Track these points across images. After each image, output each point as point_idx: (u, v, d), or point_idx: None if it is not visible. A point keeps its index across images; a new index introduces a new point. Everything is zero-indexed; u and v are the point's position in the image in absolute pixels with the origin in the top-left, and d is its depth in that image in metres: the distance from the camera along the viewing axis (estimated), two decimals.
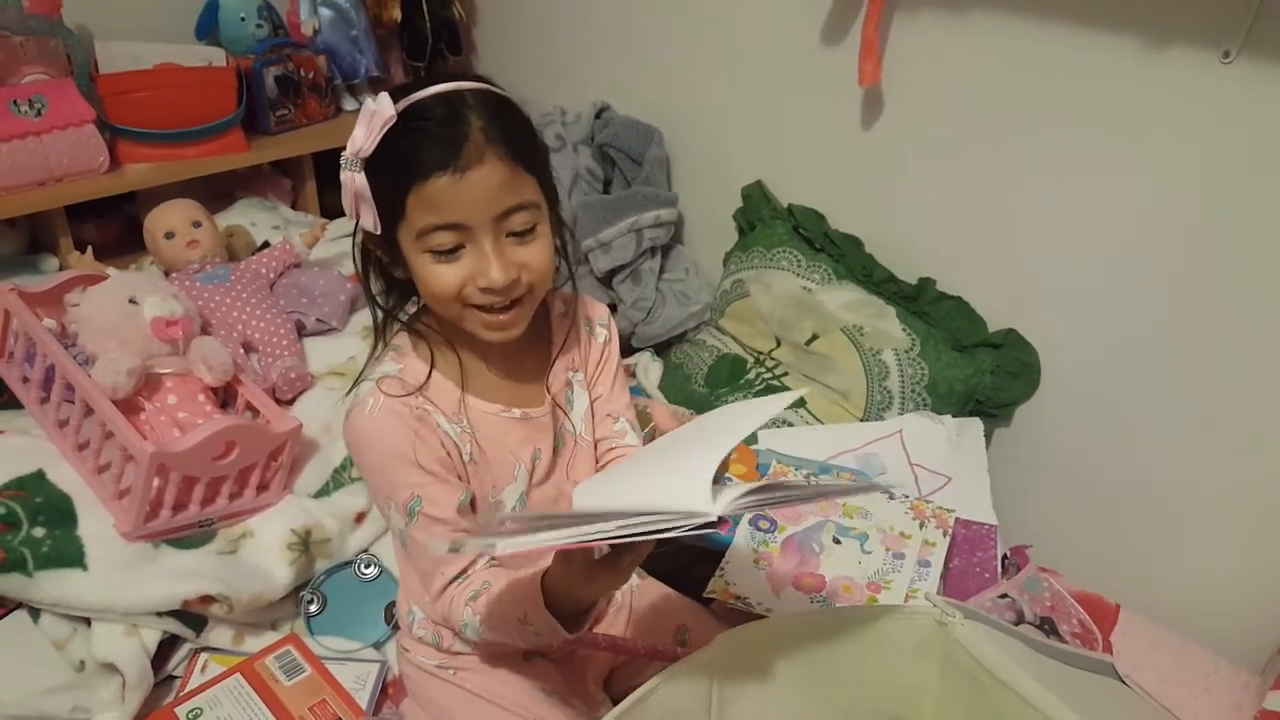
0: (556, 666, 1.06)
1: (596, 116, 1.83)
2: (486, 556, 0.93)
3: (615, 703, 0.81)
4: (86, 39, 1.79)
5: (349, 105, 2.13)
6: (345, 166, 0.84)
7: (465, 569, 0.92)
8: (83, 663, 1.10)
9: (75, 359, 1.25)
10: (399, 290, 0.96)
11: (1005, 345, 1.41)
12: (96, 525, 1.16)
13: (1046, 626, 1.15)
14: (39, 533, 1.12)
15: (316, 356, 1.53)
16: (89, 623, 1.11)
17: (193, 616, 1.15)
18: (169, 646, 1.15)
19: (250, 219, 1.86)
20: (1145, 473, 1.32)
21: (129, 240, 1.81)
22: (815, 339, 1.50)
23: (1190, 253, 1.20)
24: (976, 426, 1.40)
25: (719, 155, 1.74)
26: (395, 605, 1.20)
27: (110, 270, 1.48)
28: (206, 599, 1.13)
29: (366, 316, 0.98)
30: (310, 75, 1.99)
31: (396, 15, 2.07)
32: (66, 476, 1.21)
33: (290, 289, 1.60)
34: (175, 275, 1.53)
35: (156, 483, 1.15)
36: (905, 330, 1.44)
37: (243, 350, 1.45)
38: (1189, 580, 1.32)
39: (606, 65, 1.90)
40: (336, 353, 1.54)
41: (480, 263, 0.85)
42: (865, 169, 1.52)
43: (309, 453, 1.36)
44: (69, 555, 1.12)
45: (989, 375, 1.40)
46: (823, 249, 1.56)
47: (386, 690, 1.17)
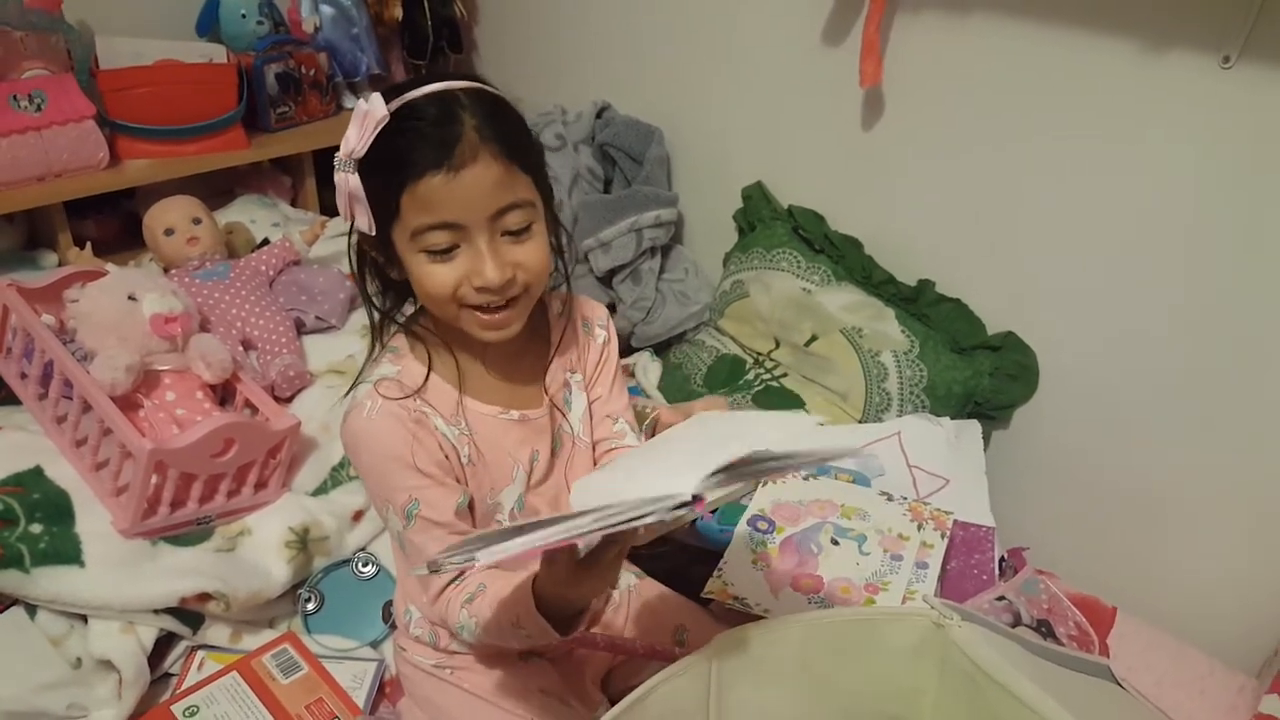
0: (554, 666, 1.06)
1: (597, 116, 1.83)
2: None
3: (613, 703, 0.81)
4: (87, 34, 1.79)
5: (350, 103, 2.12)
6: (339, 167, 0.84)
7: (462, 571, 0.92)
8: (79, 660, 1.09)
9: (74, 355, 1.24)
10: (395, 291, 0.96)
11: (1004, 348, 1.41)
12: (94, 522, 1.16)
13: (1043, 629, 1.15)
14: (36, 529, 1.12)
15: (315, 354, 1.53)
16: (86, 620, 1.11)
17: (190, 614, 1.15)
18: (166, 644, 1.15)
19: (250, 216, 1.86)
20: (1143, 476, 1.32)
21: (128, 236, 1.81)
22: (814, 340, 1.50)
23: (1189, 256, 1.20)
24: (975, 429, 1.41)
25: (719, 155, 1.74)
26: (392, 604, 1.20)
27: (109, 266, 1.48)
28: (204, 596, 1.13)
29: (365, 315, 0.97)
30: (311, 72, 1.99)
31: (398, 13, 2.07)
32: (64, 473, 1.21)
33: (289, 286, 1.60)
34: (174, 272, 1.53)
35: (154, 480, 1.15)
36: (904, 332, 1.44)
37: (241, 348, 1.44)
38: (1186, 583, 1.32)
39: (607, 64, 1.90)
40: (335, 351, 1.54)
41: (475, 262, 0.84)
42: (865, 170, 1.52)
43: (307, 451, 1.36)
44: (66, 552, 1.11)
45: (988, 377, 1.41)
46: (822, 250, 1.57)
47: (383, 689, 1.17)
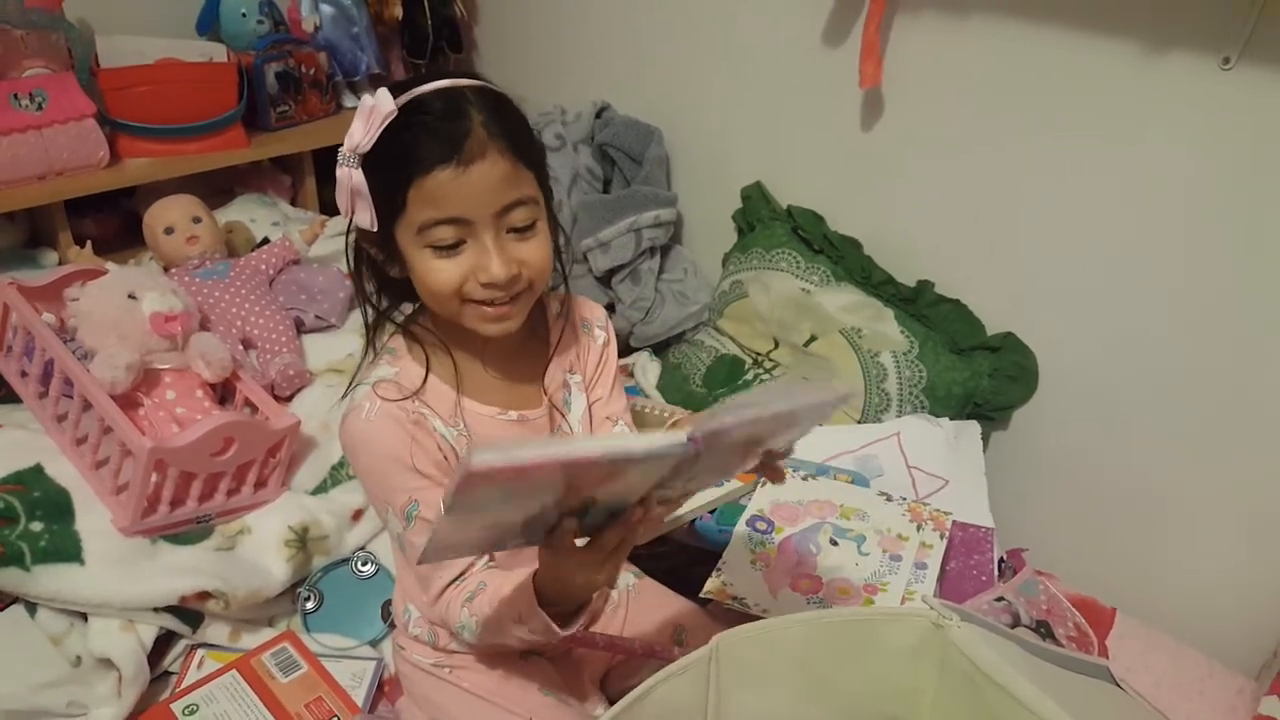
0: (553, 665, 1.06)
1: (596, 116, 1.83)
2: (484, 559, 0.92)
3: (612, 702, 0.81)
4: (88, 33, 1.79)
5: (350, 102, 2.12)
6: (342, 162, 0.84)
7: (463, 571, 0.92)
8: (79, 658, 1.10)
9: (74, 354, 1.24)
10: (393, 290, 0.96)
11: (1003, 348, 1.41)
12: (94, 520, 1.16)
13: (1042, 629, 1.15)
14: (37, 527, 1.12)
15: (315, 353, 1.53)
16: (86, 618, 1.11)
17: (189, 612, 1.15)
18: (165, 642, 1.15)
19: (250, 215, 1.86)
20: (1142, 477, 1.32)
21: (128, 235, 1.81)
22: (814, 340, 1.50)
23: (1189, 257, 1.20)
24: (974, 429, 1.41)
25: (719, 156, 1.74)
26: (392, 603, 1.20)
27: (109, 265, 1.48)
28: (203, 595, 1.13)
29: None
30: (311, 72, 1.99)
31: (398, 12, 2.07)
32: (64, 471, 1.21)
33: (289, 285, 1.60)
34: (174, 271, 1.53)
35: (154, 478, 1.15)
36: (903, 332, 1.45)
37: (241, 346, 1.44)
38: (1185, 584, 1.32)
39: (607, 64, 1.90)
40: (335, 350, 1.54)
41: (481, 258, 0.84)
42: (865, 171, 1.52)
43: (307, 450, 1.36)
44: (66, 550, 1.11)
45: (987, 378, 1.41)
46: (822, 250, 1.57)
47: (382, 688, 1.17)
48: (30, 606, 1.12)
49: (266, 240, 1.73)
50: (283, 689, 1.10)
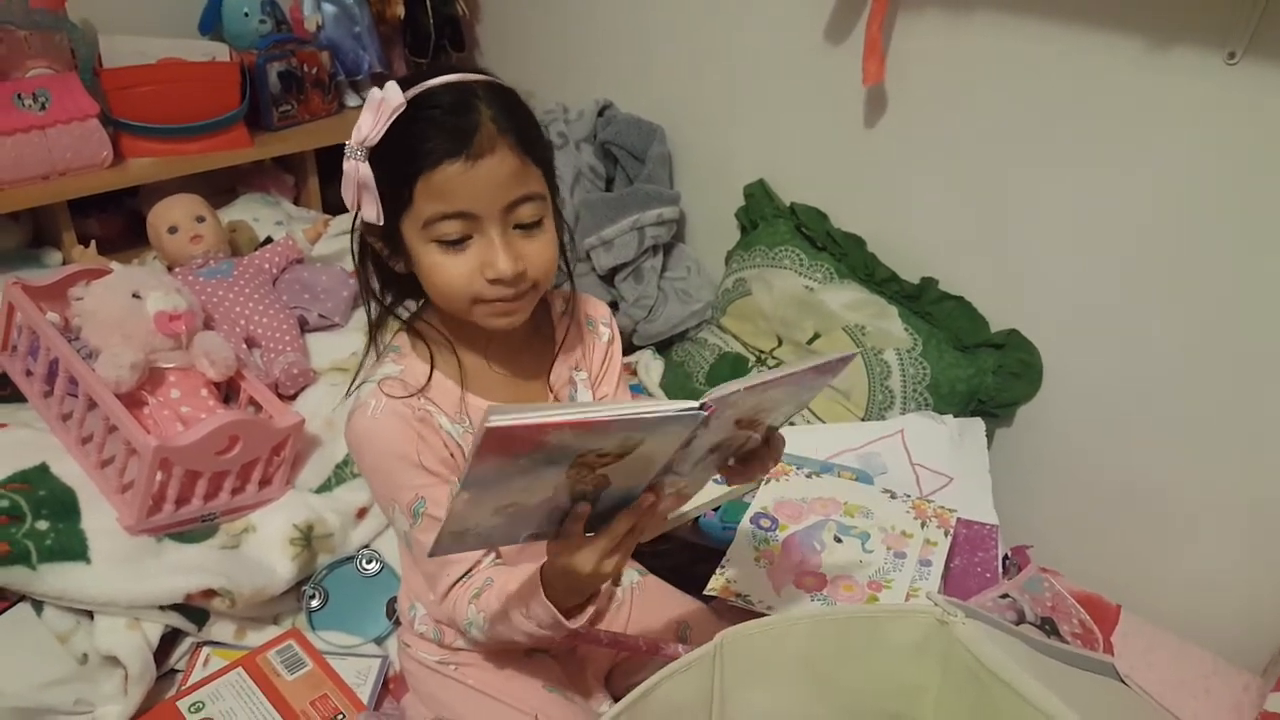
0: (558, 663, 1.06)
1: (599, 114, 1.83)
2: (491, 556, 0.92)
3: (616, 700, 0.81)
4: (91, 33, 1.79)
5: (352, 101, 2.13)
6: (350, 155, 0.83)
7: (470, 569, 0.92)
8: (85, 656, 1.10)
9: (79, 353, 1.25)
10: (397, 286, 0.95)
11: (1007, 345, 1.41)
12: (100, 519, 1.16)
13: (1047, 626, 1.15)
14: (42, 526, 1.13)
15: (319, 352, 1.53)
16: (92, 616, 1.11)
17: (195, 610, 1.15)
18: (171, 640, 1.15)
19: (253, 214, 1.86)
20: (1147, 473, 1.32)
21: (132, 235, 1.82)
22: (817, 338, 1.50)
23: (1193, 253, 1.20)
24: (978, 426, 1.41)
25: (721, 153, 1.74)
26: (396, 600, 1.20)
27: (113, 265, 1.48)
28: (209, 593, 1.13)
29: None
30: (313, 71, 1.99)
31: (400, 11, 2.07)
32: (70, 470, 1.21)
33: (293, 284, 1.60)
34: (178, 270, 1.53)
35: (159, 477, 1.15)
36: (907, 330, 1.44)
37: (245, 345, 1.45)
38: (1190, 581, 1.32)
39: (609, 63, 1.90)
40: (339, 348, 1.55)
41: (487, 253, 0.84)
42: (868, 168, 1.52)
43: (311, 448, 1.37)
44: (72, 549, 1.12)
45: (991, 375, 1.41)
46: (825, 248, 1.56)
47: (388, 685, 1.17)
48: (36, 605, 1.12)
49: (270, 239, 1.73)
50: (288, 686, 1.11)
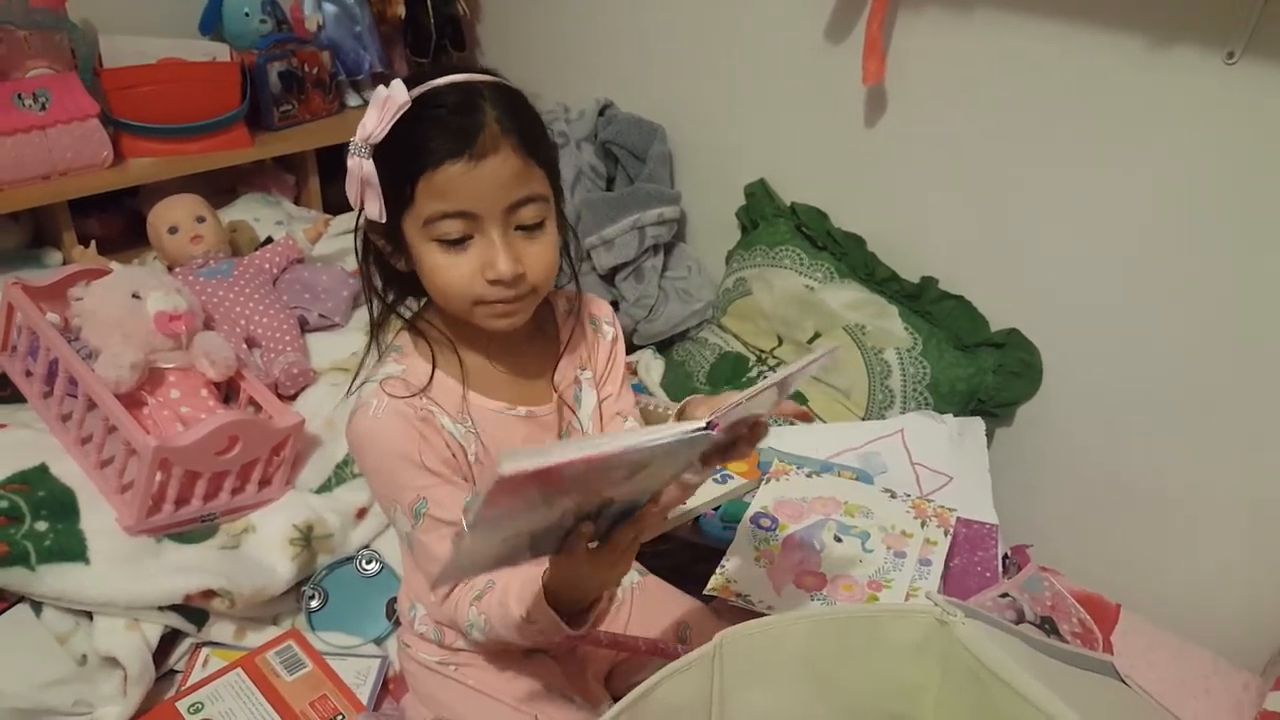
0: (558, 663, 1.06)
1: (600, 113, 1.83)
2: None
3: (616, 700, 0.81)
4: (91, 34, 1.79)
5: (353, 101, 2.13)
6: (353, 152, 0.83)
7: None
8: (85, 656, 1.10)
9: (78, 353, 1.25)
10: (399, 284, 0.95)
11: (1007, 345, 1.41)
12: (99, 519, 1.16)
13: (1047, 626, 1.15)
14: (42, 526, 1.13)
15: (319, 352, 1.53)
16: (91, 617, 1.11)
17: (194, 611, 1.15)
18: (170, 641, 1.15)
19: (253, 214, 1.86)
20: (1146, 473, 1.32)
21: (132, 235, 1.82)
22: (817, 337, 1.50)
23: (1193, 251, 1.20)
24: (978, 426, 1.40)
25: (722, 153, 1.74)
26: (396, 601, 1.20)
27: (114, 265, 1.48)
28: (208, 594, 1.13)
29: (368, 312, 0.97)
30: (314, 71, 1.99)
31: (400, 11, 2.07)
32: (69, 470, 1.21)
33: (293, 284, 1.60)
34: (178, 270, 1.53)
35: (159, 477, 1.15)
36: (907, 329, 1.44)
37: (245, 345, 1.45)
38: (1190, 580, 1.32)
39: (610, 62, 1.90)
40: (339, 348, 1.54)
41: (488, 253, 0.84)
42: (868, 168, 1.52)
43: (311, 448, 1.37)
44: (71, 549, 1.12)
45: (991, 375, 1.40)
46: (825, 247, 1.56)
47: (387, 685, 1.17)
48: (36, 605, 1.12)
49: (270, 239, 1.73)
50: (288, 687, 1.11)
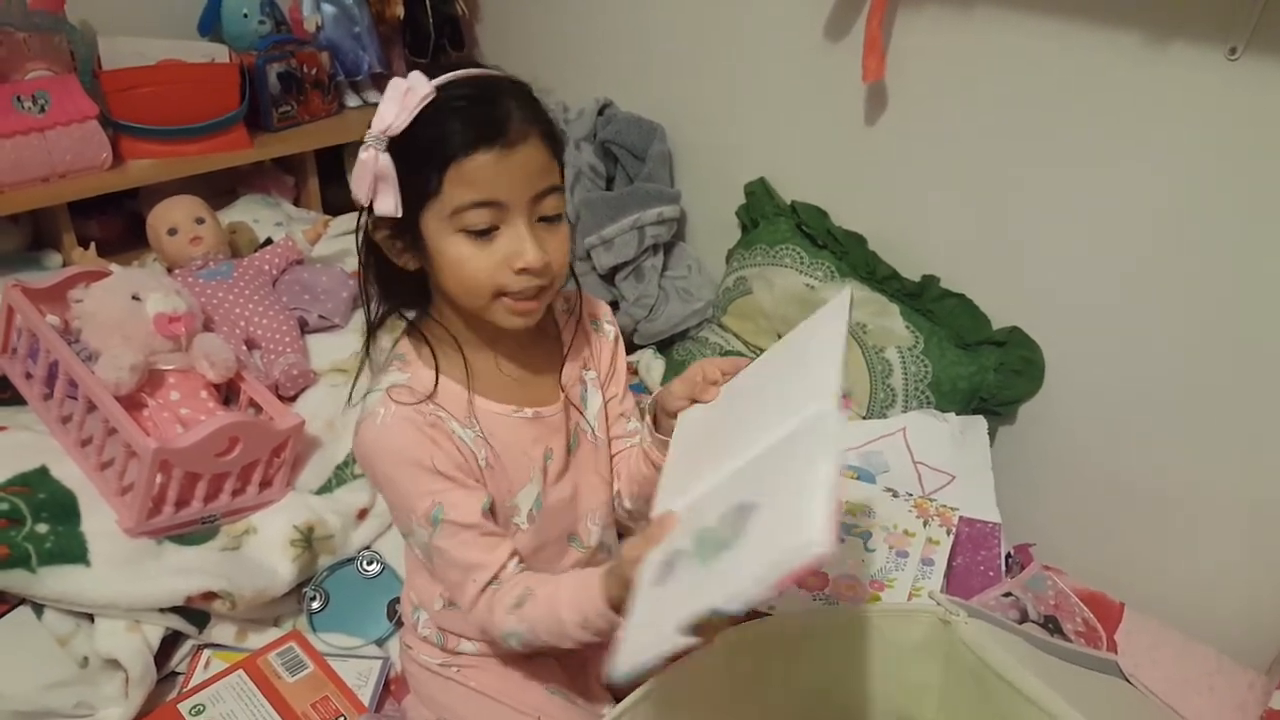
0: (560, 664, 1.06)
1: (599, 113, 1.83)
2: (515, 560, 0.91)
3: (618, 700, 0.81)
4: (90, 35, 1.79)
5: (352, 101, 2.13)
6: (369, 145, 0.81)
7: (496, 574, 0.90)
8: (86, 659, 1.10)
9: (78, 355, 1.24)
10: (402, 287, 0.94)
11: (1009, 343, 1.40)
12: (100, 521, 1.16)
13: (1050, 625, 1.15)
14: (42, 529, 1.12)
15: (319, 353, 1.53)
16: (92, 619, 1.11)
17: (195, 613, 1.15)
18: (172, 643, 1.15)
19: (253, 215, 1.86)
20: (1150, 470, 1.32)
21: (132, 236, 1.81)
22: None
23: (1195, 251, 1.20)
24: (980, 424, 1.40)
25: (722, 152, 1.74)
26: (398, 602, 1.20)
27: (113, 266, 1.48)
28: (209, 595, 1.13)
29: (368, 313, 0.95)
30: (313, 72, 1.99)
31: (399, 11, 2.07)
32: (70, 472, 1.21)
33: (293, 285, 1.60)
34: (178, 272, 1.53)
35: (159, 479, 1.15)
36: (909, 328, 1.44)
37: (245, 347, 1.45)
38: (1194, 578, 1.31)
39: (609, 61, 1.90)
40: (339, 349, 1.54)
41: (516, 243, 0.83)
42: (868, 166, 1.52)
43: (311, 449, 1.37)
44: (72, 551, 1.12)
45: (993, 373, 1.40)
46: (826, 246, 1.56)
47: (389, 687, 1.16)
48: (37, 608, 1.12)
49: (270, 241, 1.73)
50: (289, 689, 1.11)
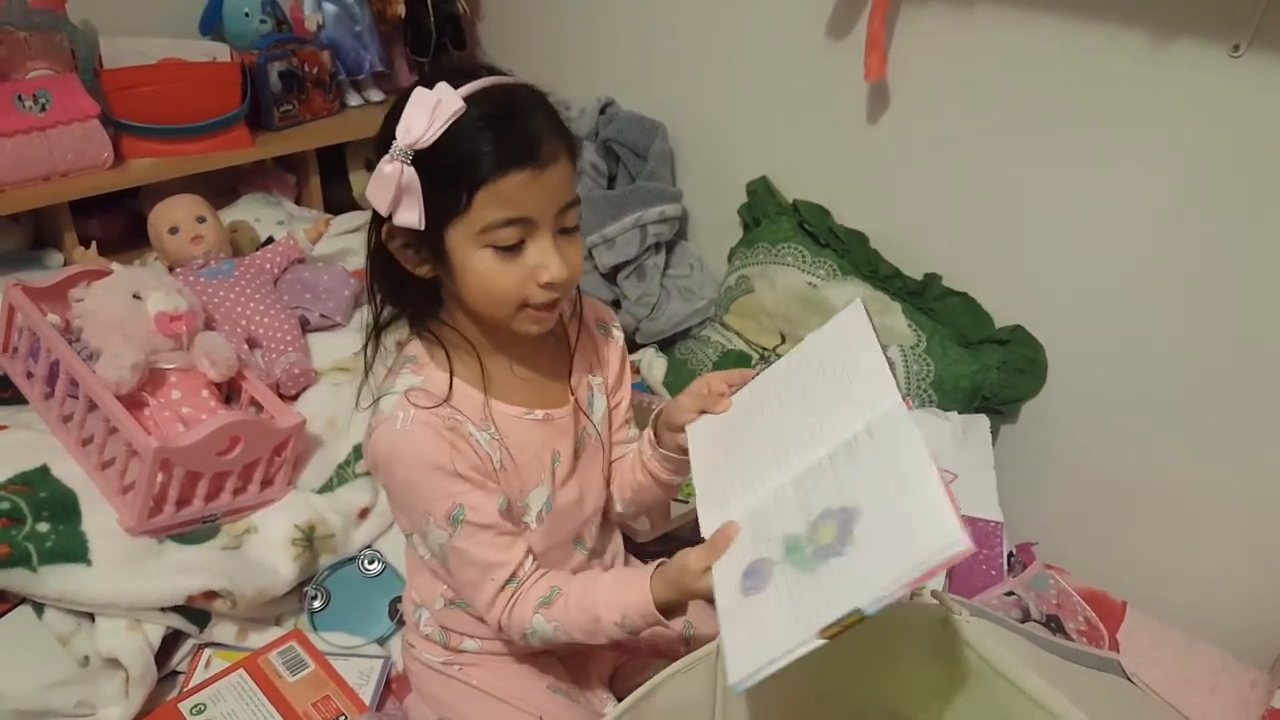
0: (562, 663, 1.06)
1: (601, 112, 1.83)
2: (532, 559, 0.92)
3: (620, 699, 0.81)
4: (91, 34, 1.79)
5: (353, 100, 2.12)
6: (393, 157, 0.79)
7: (514, 572, 0.90)
8: (87, 658, 1.10)
9: (79, 354, 1.24)
10: (412, 291, 0.92)
11: (1012, 341, 1.40)
12: (101, 520, 1.16)
13: (1053, 624, 1.15)
14: (43, 528, 1.12)
15: (320, 352, 1.53)
16: (93, 618, 1.11)
17: (196, 612, 1.15)
18: (173, 642, 1.15)
19: (254, 214, 1.86)
20: (1152, 469, 1.31)
21: (133, 235, 1.81)
22: None
23: (1198, 248, 1.19)
24: (983, 423, 1.40)
25: (724, 151, 1.73)
26: (399, 601, 1.20)
27: (114, 265, 1.48)
28: (210, 594, 1.13)
29: (371, 312, 0.95)
30: (314, 71, 1.99)
31: (400, 10, 2.07)
32: (71, 471, 1.21)
33: (294, 284, 1.60)
34: (179, 270, 1.53)
35: (160, 478, 1.15)
36: (911, 326, 1.44)
37: (246, 346, 1.44)
38: (1196, 577, 1.31)
39: (611, 60, 1.90)
40: (340, 348, 1.54)
41: (544, 257, 0.83)
42: (870, 164, 1.51)
43: (313, 448, 1.36)
44: (73, 550, 1.12)
45: (995, 371, 1.40)
46: (828, 244, 1.56)
47: (390, 685, 1.17)
48: (38, 607, 1.12)
49: (271, 239, 1.73)
50: (290, 688, 1.11)
